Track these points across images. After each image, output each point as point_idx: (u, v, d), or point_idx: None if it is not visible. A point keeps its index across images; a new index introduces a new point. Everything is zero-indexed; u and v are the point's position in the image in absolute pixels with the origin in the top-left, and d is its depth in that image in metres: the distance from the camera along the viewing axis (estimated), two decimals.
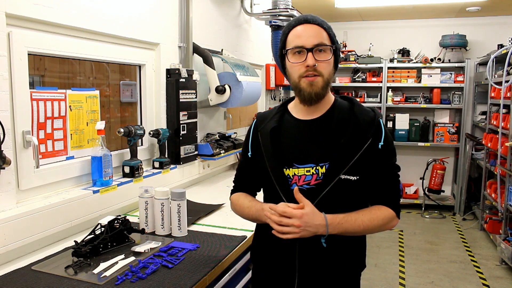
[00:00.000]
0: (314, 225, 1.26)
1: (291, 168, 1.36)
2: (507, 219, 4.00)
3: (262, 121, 1.47)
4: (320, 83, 1.31)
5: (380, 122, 1.35)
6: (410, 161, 5.77)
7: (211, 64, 2.86)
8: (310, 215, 1.26)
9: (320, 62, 1.30)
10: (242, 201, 1.52)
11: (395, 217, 1.37)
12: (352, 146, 1.31)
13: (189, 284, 1.41)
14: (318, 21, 1.33)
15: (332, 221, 1.28)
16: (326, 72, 1.32)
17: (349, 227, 1.30)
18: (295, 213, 1.25)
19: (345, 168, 1.30)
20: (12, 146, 1.63)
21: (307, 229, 1.26)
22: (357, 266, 1.46)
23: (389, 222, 1.37)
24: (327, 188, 1.30)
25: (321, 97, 1.34)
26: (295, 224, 1.25)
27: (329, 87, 1.36)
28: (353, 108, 1.37)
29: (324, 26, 1.33)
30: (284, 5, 3.49)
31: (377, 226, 1.34)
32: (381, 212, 1.35)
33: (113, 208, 2.04)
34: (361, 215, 1.33)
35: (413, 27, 5.87)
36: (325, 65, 1.31)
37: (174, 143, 2.59)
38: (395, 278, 3.69)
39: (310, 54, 1.29)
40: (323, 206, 1.31)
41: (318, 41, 1.30)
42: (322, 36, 1.31)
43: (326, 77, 1.32)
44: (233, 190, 1.62)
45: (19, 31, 1.66)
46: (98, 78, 2.31)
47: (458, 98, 5.55)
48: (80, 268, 1.51)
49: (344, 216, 1.31)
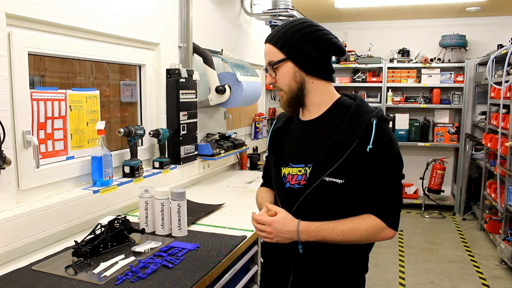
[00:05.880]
0: (286, 231, 1.30)
1: (287, 167, 1.39)
2: (506, 219, 4.00)
3: (279, 121, 1.52)
4: (284, 96, 1.38)
5: (372, 123, 1.26)
6: (410, 161, 5.76)
7: (211, 64, 2.86)
8: (280, 222, 1.31)
9: (275, 78, 1.37)
10: (258, 197, 1.59)
11: (385, 228, 1.28)
12: (337, 148, 1.27)
13: (189, 284, 1.41)
14: (268, 38, 1.38)
15: (305, 229, 1.29)
16: (283, 85, 1.37)
17: (327, 236, 1.28)
18: (265, 220, 1.32)
19: (328, 171, 1.27)
20: (12, 146, 1.63)
21: (280, 235, 1.31)
22: (355, 271, 1.40)
23: (376, 233, 1.29)
24: (309, 189, 1.30)
25: (292, 107, 1.39)
26: (266, 230, 1.32)
27: (299, 95, 1.35)
28: (351, 108, 1.35)
29: (272, 42, 1.35)
30: (284, 5, 3.49)
31: (361, 237, 1.28)
32: (365, 222, 1.28)
33: (113, 208, 2.04)
34: (341, 224, 1.28)
35: (413, 27, 5.87)
36: (280, 80, 1.37)
37: (174, 143, 2.59)
38: (395, 278, 3.69)
39: (268, 74, 1.39)
40: (307, 208, 1.31)
41: (268, 60, 1.37)
42: (270, 54, 1.36)
43: (286, 90, 1.37)
44: (261, 184, 1.67)
45: (19, 31, 1.66)
46: (98, 78, 2.31)
47: (458, 98, 5.55)
48: (80, 268, 1.51)
49: (321, 225, 1.28)
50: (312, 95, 1.36)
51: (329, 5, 4.89)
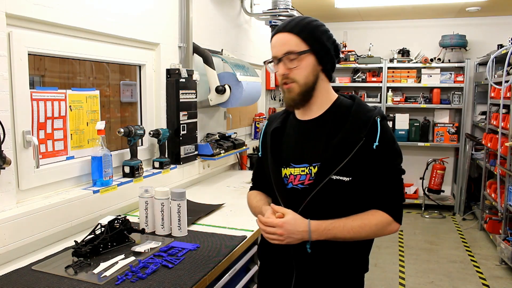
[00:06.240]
0: (297, 232, 1.28)
1: (288, 168, 1.38)
2: (506, 219, 4.00)
3: (272, 121, 1.50)
4: (296, 89, 1.33)
5: (376, 121, 1.30)
6: (410, 161, 5.76)
7: (211, 64, 2.86)
8: (291, 223, 1.28)
9: (292, 69, 1.32)
10: (251, 200, 1.56)
11: (392, 222, 1.32)
12: (344, 146, 1.28)
13: (189, 284, 1.41)
14: (288, 27, 1.32)
15: (317, 228, 1.28)
16: (300, 77, 1.32)
17: (337, 233, 1.29)
18: (276, 223, 1.28)
19: (336, 169, 1.28)
20: (12, 146, 1.63)
21: (292, 236, 1.28)
22: (356, 269, 1.42)
23: (384, 228, 1.32)
24: (317, 188, 1.30)
25: (301, 102, 1.35)
26: (277, 233, 1.28)
27: (312, 89, 1.35)
28: (352, 107, 1.37)
29: (294, 31, 1.31)
30: (284, 5, 3.49)
31: (370, 232, 1.31)
32: (374, 218, 1.31)
33: (113, 208, 2.05)
34: (351, 220, 1.30)
35: (413, 27, 5.87)
36: (297, 71, 1.32)
37: (174, 143, 2.59)
38: (395, 278, 3.69)
39: (281, 64, 1.33)
40: (314, 206, 1.31)
41: (286, 49, 1.31)
42: (290, 44, 1.31)
43: (302, 82, 1.33)
44: (251, 188, 1.65)
45: (19, 31, 1.66)
46: (98, 78, 2.31)
47: (458, 98, 5.55)
48: (80, 268, 1.51)
49: (332, 222, 1.29)
50: (319, 91, 1.37)
51: (329, 5, 4.89)
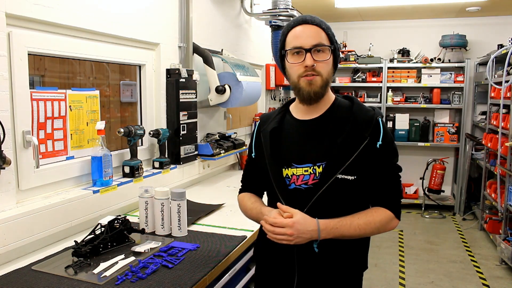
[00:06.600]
0: (307, 231, 1.28)
1: (290, 168, 1.37)
2: (507, 219, 4.00)
3: (265, 122, 1.49)
4: (319, 82, 1.32)
5: (379, 121, 1.33)
6: (410, 161, 5.76)
7: (211, 64, 2.86)
8: (301, 222, 1.27)
9: (319, 62, 1.31)
10: (245, 202, 1.54)
11: (393, 218, 1.36)
12: (349, 145, 1.30)
13: (189, 284, 1.41)
14: (316, 21, 1.34)
15: (325, 226, 1.29)
16: (324, 71, 1.33)
17: (345, 231, 1.30)
18: (286, 223, 1.27)
19: (341, 168, 1.30)
20: (12, 146, 1.63)
21: (301, 235, 1.27)
22: (357, 268, 1.44)
23: (387, 224, 1.35)
24: (323, 188, 1.30)
25: (320, 96, 1.35)
26: (287, 233, 1.27)
27: (328, 86, 1.37)
28: (352, 107, 1.38)
29: (322, 26, 1.34)
30: (284, 5, 3.49)
31: (374, 229, 1.34)
32: (378, 214, 1.34)
33: (113, 208, 2.04)
34: (357, 218, 1.32)
35: (413, 27, 5.87)
36: (323, 65, 1.32)
37: (174, 143, 2.59)
38: (395, 278, 3.69)
39: (308, 55, 1.31)
40: (320, 206, 1.31)
41: (317, 41, 1.31)
42: (320, 36, 1.32)
43: (325, 77, 1.33)
44: (240, 190, 1.63)
45: (19, 31, 1.66)
46: (98, 78, 2.31)
47: (458, 98, 5.55)
48: (80, 268, 1.51)
49: (339, 221, 1.30)
50: (327, 89, 1.38)
51: (329, 5, 4.90)
